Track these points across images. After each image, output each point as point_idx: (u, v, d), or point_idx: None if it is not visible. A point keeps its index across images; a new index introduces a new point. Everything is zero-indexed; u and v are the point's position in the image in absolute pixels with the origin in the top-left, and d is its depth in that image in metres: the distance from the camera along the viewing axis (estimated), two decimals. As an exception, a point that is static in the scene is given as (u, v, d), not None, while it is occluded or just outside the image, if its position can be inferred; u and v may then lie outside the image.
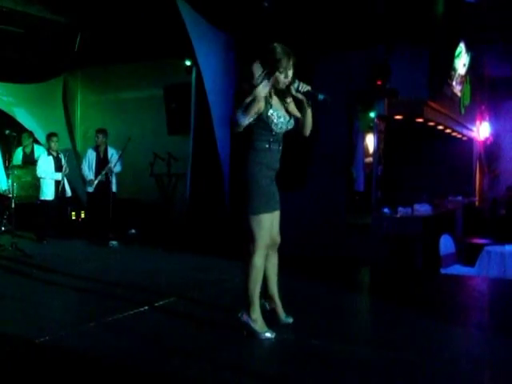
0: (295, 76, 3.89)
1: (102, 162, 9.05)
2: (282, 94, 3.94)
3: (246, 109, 3.72)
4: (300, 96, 3.90)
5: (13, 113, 10.89)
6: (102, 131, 9.23)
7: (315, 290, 5.62)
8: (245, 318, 3.92)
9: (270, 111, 3.84)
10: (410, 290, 5.93)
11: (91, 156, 9.27)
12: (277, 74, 3.81)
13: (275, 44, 3.88)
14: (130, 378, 3.30)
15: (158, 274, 6.42)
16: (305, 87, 3.86)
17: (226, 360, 3.56)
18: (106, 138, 9.19)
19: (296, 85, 3.86)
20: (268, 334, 3.85)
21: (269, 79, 3.77)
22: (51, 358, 3.61)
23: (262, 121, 3.82)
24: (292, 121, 3.99)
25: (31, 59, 10.20)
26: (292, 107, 4.05)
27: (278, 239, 4.12)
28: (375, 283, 6.69)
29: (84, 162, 9.36)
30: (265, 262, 3.98)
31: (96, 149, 9.25)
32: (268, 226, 3.89)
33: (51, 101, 11.03)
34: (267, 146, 3.86)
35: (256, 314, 3.88)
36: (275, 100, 3.92)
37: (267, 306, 4.21)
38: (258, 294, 3.89)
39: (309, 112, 3.98)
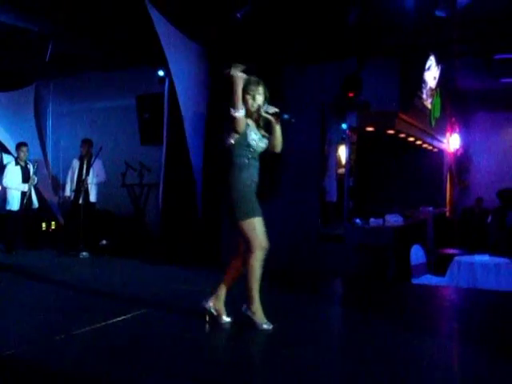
0: (266, 99, 4.45)
1: (85, 173, 8.93)
2: (256, 116, 4.47)
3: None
4: (269, 116, 4.43)
5: (-18, 122, 10.73)
6: (86, 141, 9.16)
7: (287, 301, 5.63)
8: (246, 310, 4.41)
9: (248, 131, 4.39)
10: (381, 300, 5.97)
11: (75, 166, 9.19)
12: (247, 98, 4.38)
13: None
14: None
15: (129, 285, 6.36)
16: (271, 109, 4.41)
17: (197, 373, 3.54)
18: (90, 148, 9.10)
19: (265, 107, 4.41)
20: (265, 326, 4.34)
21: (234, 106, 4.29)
22: (18, 372, 3.53)
23: (243, 139, 4.36)
24: (265, 140, 4.52)
25: (2, 68, 10.08)
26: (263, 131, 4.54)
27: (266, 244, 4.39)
28: (347, 293, 6.72)
29: (69, 172, 9.29)
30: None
31: (80, 159, 9.17)
32: (259, 228, 4.32)
33: (22, 110, 10.90)
34: (247, 161, 4.38)
35: (255, 307, 4.37)
36: (251, 122, 4.47)
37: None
38: (257, 289, 4.34)
39: (278, 130, 4.49)
